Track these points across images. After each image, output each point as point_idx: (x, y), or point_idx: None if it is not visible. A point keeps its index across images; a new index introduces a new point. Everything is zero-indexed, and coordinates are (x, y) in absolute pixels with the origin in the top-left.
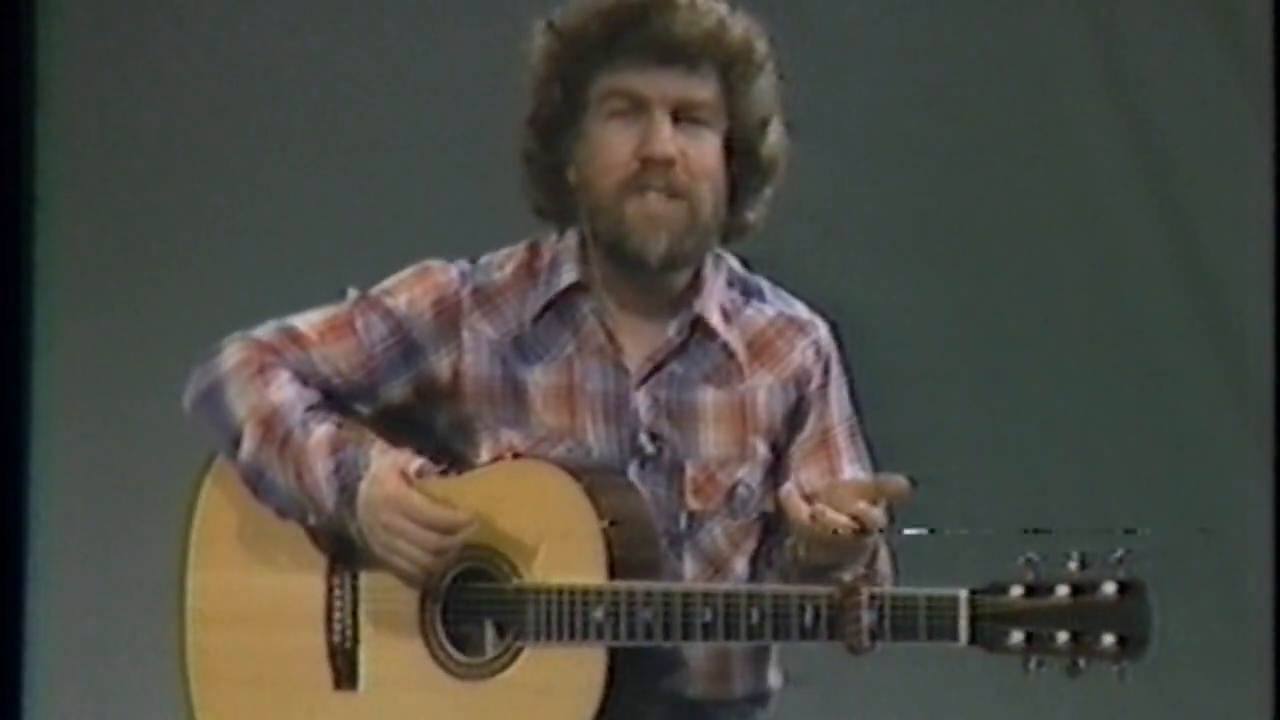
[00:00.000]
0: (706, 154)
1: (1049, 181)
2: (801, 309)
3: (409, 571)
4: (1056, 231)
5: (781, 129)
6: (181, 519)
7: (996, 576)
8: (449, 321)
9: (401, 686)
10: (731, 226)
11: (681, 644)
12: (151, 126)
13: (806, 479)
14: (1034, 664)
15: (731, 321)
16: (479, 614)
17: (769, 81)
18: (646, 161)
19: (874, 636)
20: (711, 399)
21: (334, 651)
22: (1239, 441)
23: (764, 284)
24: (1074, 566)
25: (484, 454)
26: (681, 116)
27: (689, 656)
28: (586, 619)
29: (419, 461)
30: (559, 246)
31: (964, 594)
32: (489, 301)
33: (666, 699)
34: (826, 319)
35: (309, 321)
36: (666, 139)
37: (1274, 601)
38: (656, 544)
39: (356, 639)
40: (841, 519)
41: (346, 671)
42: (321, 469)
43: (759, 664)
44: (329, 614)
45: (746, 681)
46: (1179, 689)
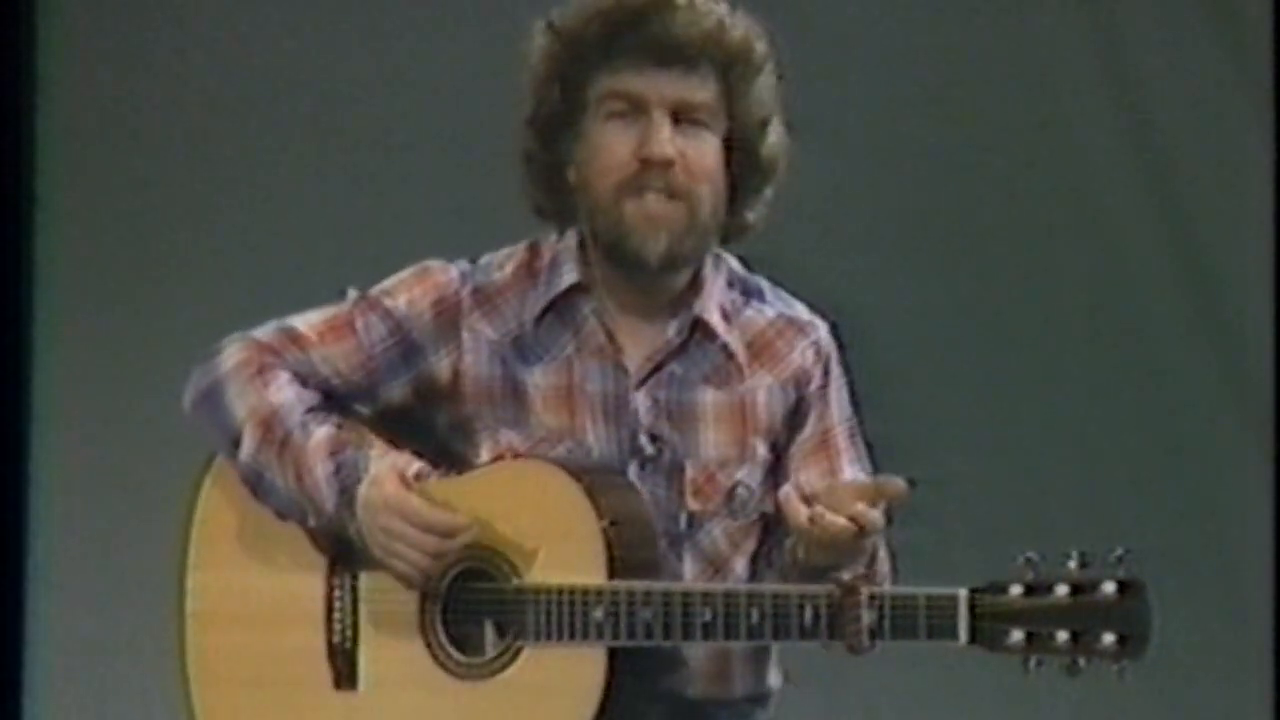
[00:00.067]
0: (706, 155)
1: (1049, 181)
2: (801, 309)
3: (408, 574)
4: (1056, 231)
5: (781, 129)
6: (181, 519)
7: (996, 576)
8: (449, 322)
9: (401, 687)
10: (731, 227)
11: (681, 644)
12: (151, 126)
13: (806, 480)
14: (1034, 663)
15: (731, 322)
16: (479, 614)
17: (769, 82)
18: (645, 162)
19: (874, 636)
20: (711, 400)
21: (334, 652)
22: (1239, 441)
23: (764, 284)
24: (1073, 566)
25: (484, 454)
26: (681, 117)
27: (689, 656)
28: (586, 619)
29: (418, 465)
30: (559, 247)
31: (964, 593)
32: (489, 302)
33: (666, 699)
34: (826, 319)
35: (309, 322)
36: (665, 140)
37: (1274, 601)
38: (656, 544)
39: (356, 639)
40: (840, 521)
41: (346, 672)
42: (321, 471)
43: (759, 664)
44: (329, 614)
45: (746, 681)
46: (1179, 689)
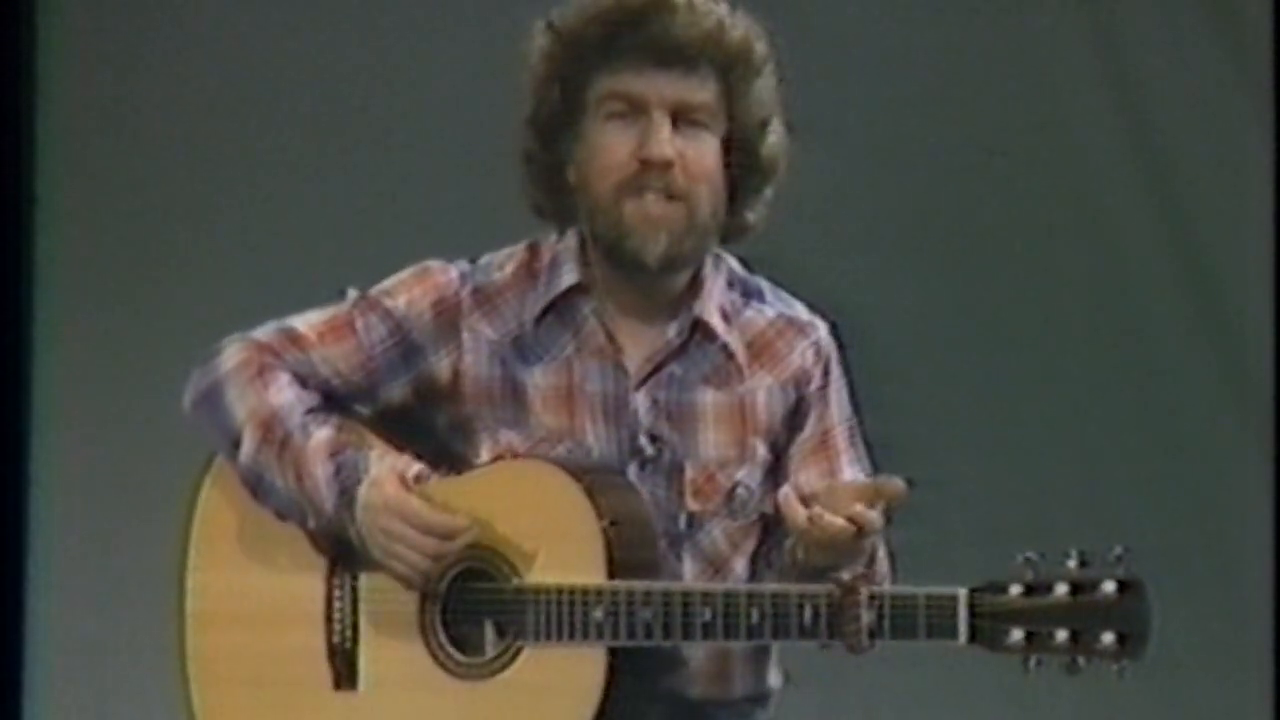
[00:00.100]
0: (705, 156)
1: (1049, 181)
2: (801, 310)
3: (407, 575)
4: (1056, 231)
5: (781, 130)
6: (181, 519)
7: (996, 576)
8: (449, 322)
9: (401, 687)
10: (731, 227)
11: (681, 644)
12: (151, 126)
13: (806, 480)
14: (1033, 663)
15: (731, 322)
16: (479, 614)
17: (768, 83)
18: (645, 163)
19: (873, 635)
20: (711, 400)
21: (334, 652)
22: (1239, 441)
23: (764, 285)
24: (1073, 565)
25: (484, 454)
26: (680, 118)
27: (689, 656)
28: (586, 619)
29: (417, 467)
30: (559, 247)
31: (963, 593)
32: (489, 302)
33: (666, 699)
34: (826, 319)
35: (309, 322)
36: (665, 141)
37: (1274, 601)
38: (656, 544)
39: (356, 639)
40: (838, 521)
41: (346, 672)
42: (321, 472)
43: (759, 664)
44: (329, 614)
45: (746, 681)
46: (1179, 689)
